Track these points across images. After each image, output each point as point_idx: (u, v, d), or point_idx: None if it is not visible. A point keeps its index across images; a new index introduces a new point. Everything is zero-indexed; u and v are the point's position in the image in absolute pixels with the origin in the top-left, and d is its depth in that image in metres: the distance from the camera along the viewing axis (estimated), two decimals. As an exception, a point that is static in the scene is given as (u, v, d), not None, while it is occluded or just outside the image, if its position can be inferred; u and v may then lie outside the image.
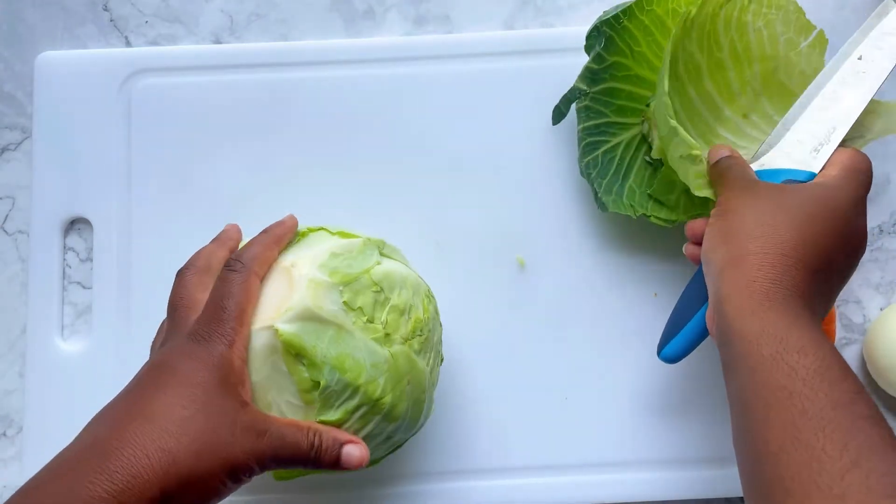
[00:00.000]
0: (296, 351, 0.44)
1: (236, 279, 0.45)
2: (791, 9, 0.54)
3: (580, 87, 0.56)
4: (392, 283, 0.48)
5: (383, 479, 0.57)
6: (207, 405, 0.41)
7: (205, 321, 0.44)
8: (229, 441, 0.41)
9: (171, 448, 0.39)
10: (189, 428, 0.40)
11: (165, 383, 0.42)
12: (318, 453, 0.44)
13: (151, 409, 0.40)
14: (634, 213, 0.56)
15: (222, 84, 0.62)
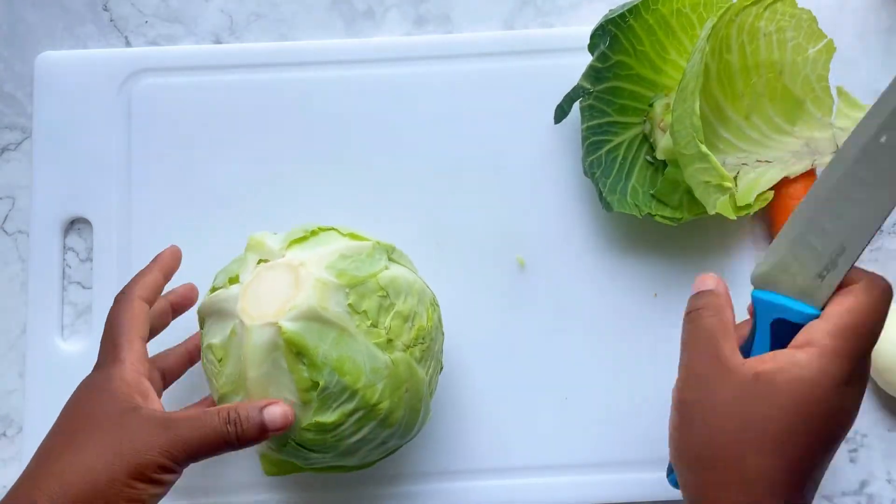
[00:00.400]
0: (297, 350, 0.44)
1: (119, 308, 0.49)
2: (804, 17, 0.54)
3: (584, 86, 0.56)
4: (398, 289, 0.48)
5: (383, 479, 0.57)
6: (98, 423, 0.43)
7: (101, 352, 0.48)
8: (120, 447, 0.42)
9: (63, 471, 0.41)
10: (81, 449, 0.42)
11: (68, 418, 0.45)
12: (239, 425, 0.43)
13: (54, 445, 0.44)
14: (640, 212, 0.56)
15: (222, 84, 0.62)
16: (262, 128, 0.62)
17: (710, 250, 0.60)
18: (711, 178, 0.51)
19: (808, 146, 0.57)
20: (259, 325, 0.45)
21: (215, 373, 0.47)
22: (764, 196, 0.56)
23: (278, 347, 0.44)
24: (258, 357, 0.45)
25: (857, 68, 0.62)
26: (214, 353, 0.47)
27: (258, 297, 0.46)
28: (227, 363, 0.46)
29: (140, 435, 0.42)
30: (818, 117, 0.57)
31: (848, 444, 0.58)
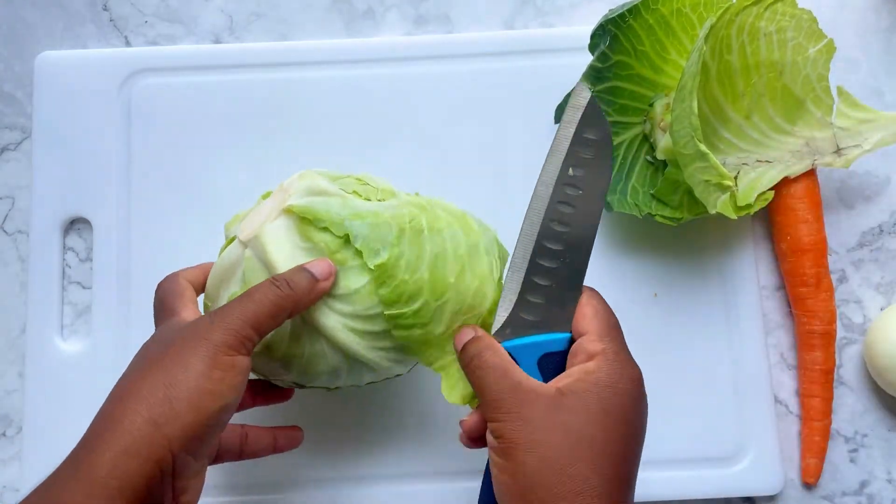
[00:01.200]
0: (313, 216, 0.43)
1: (164, 282, 0.48)
2: (805, 17, 0.54)
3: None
4: (374, 178, 0.49)
5: (383, 480, 0.57)
6: (167, 341, 0.42)
7: (156, 321, 0.47)
8: (184, 341, 0.40)
9: (145, 380, 0.40)
10: (157, 358, 0.41)
11: (145, 365, 0.42)
12: (285, 281, 0.42)
13: (138, 388, 0.40)
14: (640, 212, 0.56)
15: (222, 84, 0.62)
16: (261, 127, 0.62)
17: (710, 250, 0.60)
18: (711, 178, 0.51)
19: (809, 146, 0.57)
20: (267, 226, 0.44)
21: None
22: (764, 196, 0.56)
23: (292, 229, 0.44)
24: (280, 251, 0.44)
25: (857, 68, 0.62)
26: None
27: (251, 219, 0.46)
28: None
29: (200, 326, 0.41)
30: (818, 117, 0.57)
31: (848, 445, 0.58)
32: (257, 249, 0.45)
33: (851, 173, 0.61)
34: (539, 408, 0.40)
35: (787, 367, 0.59)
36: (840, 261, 0.61)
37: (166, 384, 0.39)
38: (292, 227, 0.44)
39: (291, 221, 0.44)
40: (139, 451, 0.37)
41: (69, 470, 0.39)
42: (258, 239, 0.45)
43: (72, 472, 0.39)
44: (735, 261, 0.59)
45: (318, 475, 0.57)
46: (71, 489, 0.38)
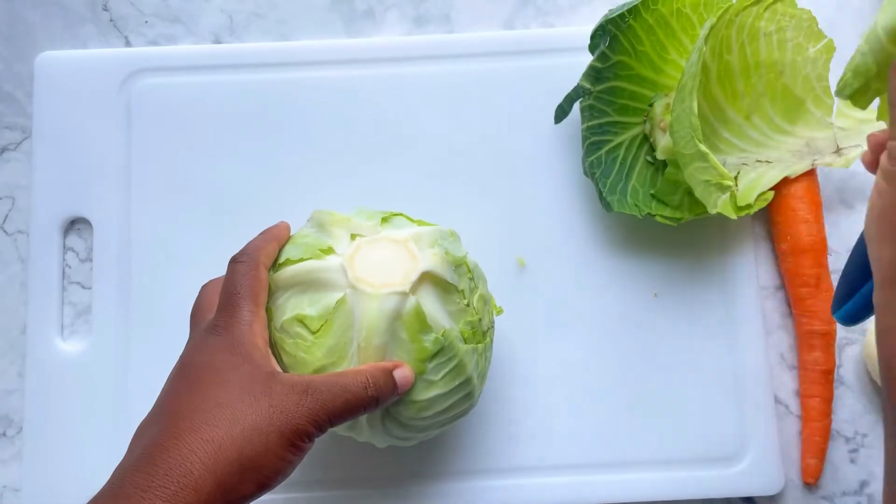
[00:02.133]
0: (422, 319, 0.45)
1: (243, 268, 0.46)
2: (804, 17, 0.54)
3: (584, 86, 0.56)
4: (480, 275, 0.51)
5: (384, 480, 0.57)
6: (240, 387, 0.41)
7: (220, 311, 0.45)
8: (271, 413, 0.40)
9: (214, 437, 0.38)
10: (226, 413, 0.39)
11: (196, 380, 0.42)
12: (376, 389, 0.43)
13: (188, 407, 0.40)
14: (640, 212, 0.56)
15: (222, 84, 0.62)
16: (261, 127, 0.62)
17: (710, 250, 0.60)
18: (711, 177, 0.51)
19: (809, 146, 0.57)
20: (384, 294, 0.45)
21: (306, 346, 0.46)
22: (764, 196, 0.56)
23: (400, 317, 0.45)
24: (382, 326, 0.45)
25: (857, 68, 0.62)
26: (308, 325, 0.46)
27: (369, 268, 0.46)
28: (329, 334, 0.45)
29: (288, 402, 0.41)
30: (819, 117, 0.57)
31: (848, 445, 0.58)
32: (358, 311, 0.45)
33: (851, 173, 0.61)
34: None
35: (787, 367, 0.59)
36: (840, 261, 0.61)
37: (240, 451, 0.39)
38: (401, 314, 0.46)
39: (405, 308, 0.45)
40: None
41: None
42: (367, 304, 0.45)
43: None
44: (735, 261, 0.59)
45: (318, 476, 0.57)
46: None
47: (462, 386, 0.48)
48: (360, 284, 0.45)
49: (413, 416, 0.47)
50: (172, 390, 0.43)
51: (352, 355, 0.45)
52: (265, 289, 0.47)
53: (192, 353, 0.44)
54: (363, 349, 0.45)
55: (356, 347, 0.45)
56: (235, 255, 0.48)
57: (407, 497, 0.57)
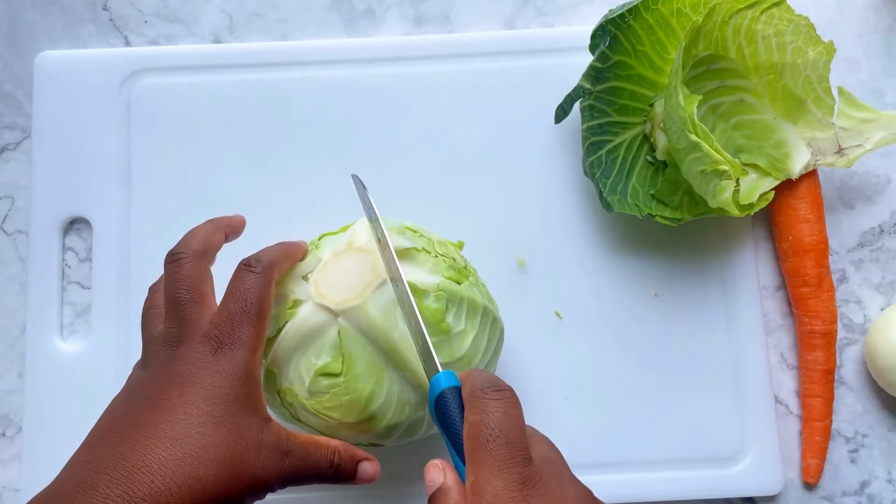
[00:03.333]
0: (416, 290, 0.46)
1: (255, 281, 0.43)
2: (802, 23, 0.54)
3: (584, 86, 0.56)
4: (422, 229, 0.51)
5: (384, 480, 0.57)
6: (233, 426, 0.39)
7: (224, 325, 0.41)
8: (254, 464, 0.39)
9: (200, 476, 0.37)
10: (217, 453, 0.38)
11: (187, 399, 0.39)
12: (338, 470, 0.43)
13: (175, 430, 0.38)
14: (640, 213, 0.56)
15: (222, 84, 0.62)
16: (261, 128, 0.62)
17: (711, 250, 0.60)
18: (707, 166, 0.51)
19: (810, 146, 0.57)
20: (370, 295, 0.45)
21: (344, 388, 0.45)
22: (765, 196, 0.56)
23: (395, 303, 0.45)
24: (388, 322, 0.45)
25: (857, 68, 0.62)
26: (332, 370, 0.45)
27: (338, 289, 0.46)
28: (355, 363, 0.45)
29: (268, 460, 0.40)
30: (820, 117, 0.57)
31: (848, 445, 0.58)
32: (359, 321, 0.45)
33: (852, 173, 0.61)
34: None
35: (787, 367, 0.59)
36: (840, 261, 0.61)
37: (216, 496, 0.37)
38: (393, 299, 0.45)
39: (402, 259, 0.46)
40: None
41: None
42: (361, 310, 0.45)
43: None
44: (735, 261, 0.59)
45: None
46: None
47: (484, 317, 0.49)
48: (343, 305, 0.45)
49: (466, 368, 0.47)
50: (156, 398, 0.39)
51: (385, 362, 0.46)
52: (271, 306, 0.44)
53: (185, 363, 0.40)
54: (390, 350, 0.45)
55: (382, 354, 0.46)
56: (247, 261, 0.44)
57: (407, 497, 0.57)
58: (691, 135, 0.50)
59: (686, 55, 0.53)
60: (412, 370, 0.46)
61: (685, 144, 0.51)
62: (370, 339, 0.45)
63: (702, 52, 0.56)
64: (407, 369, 0.46)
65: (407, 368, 0.46)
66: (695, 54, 0.56)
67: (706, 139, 0.50)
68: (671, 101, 0.51)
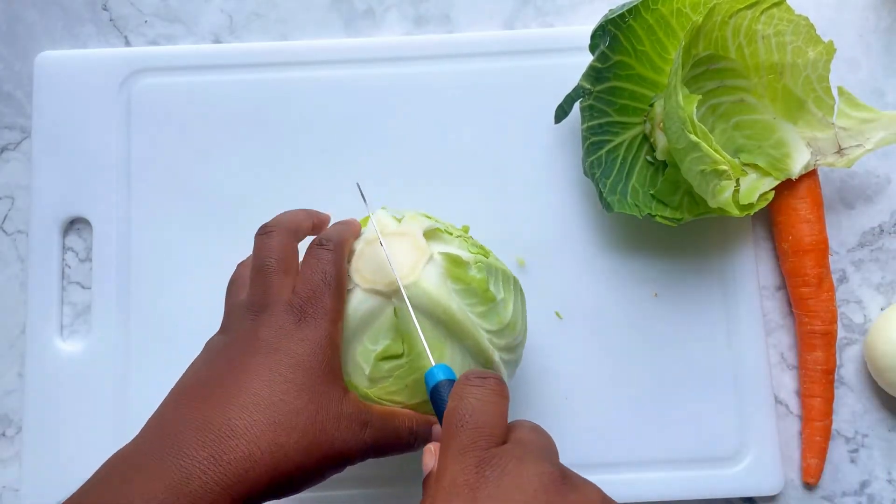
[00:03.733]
0: (454, 261, 0.46)
1: (331, 256, 0.44)
2: (802, 23, 0.54)
3: (584, 86, 0.56)
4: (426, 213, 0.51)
5: (384, 480, 0.57)
6: (314, 395, 0.39)
7: (306, 295, 0.42)
8: (334, 435, 0.39)
9: (283, 443, 0.37)
10: (298, 421, 0.38)
11: (270, 365, 0.39)
12: (416, 436, 0.43)
13: (260, 396, 0.38)
14: (640, 213, 0.56)
15: (222, 84, 0.62)
16: (261, 127, 0.62)
17: (710, 250, 0.60)
18: (706, 166, 0.51)
19: (811, 146, 0.57)
20: (421, 270, 0.45)
21: (407, 368, 0.45)
22: (765, 196, 0.56)
23: (445, 276, 0.46)
24: (442, 294, 0.45)
25: (857, 68, 0.62)
26: (394, 352, 0.45)
27: (383, 270, 0.46)
28: (415, 341, 0.45)
29: (348, 432, 0.40)
30: (820, 117, 0.57)
31: (848, 445, 0.58)
32: (416, 297, 0.45)
33: (852, 173, 0.61)
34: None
35: (787, 367, 0.59)
36: (840, 261, 0.61)
37: (300, 464, 0.38)
38: (443, 273, 0.46)
39: (441, 267, 0.46)
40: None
41: (163, 466, 0.36)
42: (417, 286, 0.45)
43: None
44: (735, 261, 0.59)
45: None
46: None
47: (515, 286, 0.50)
48: (395, 286, 0.45)
49: (513, 334, 0.48)
50: (239, 362, 0.40)
51: (444, 336, 0.45)
52: (346, 283, 0.45)
53: (268, 329, 0.41)
54: (450, 321, 0.45)
55: (441, 327, 0.45)
56: (318, 240, 0.45)
57: (407, 497, 0.57)
58: (691, 135, 0.50)
59: (686, 55, 0.53)
60: (472, 339, 0.46)
61: (685, 144, 0.51)
62: (427, 314, 0.45)
63: (702, 52, 0.56)
64: (467, 339, 0.46)
65: (467, 338, 0.46)
66: (695, 54, 0.56)
67: (705, 139, 0.50)
68: (671, 101, 0.51)
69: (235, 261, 0.49)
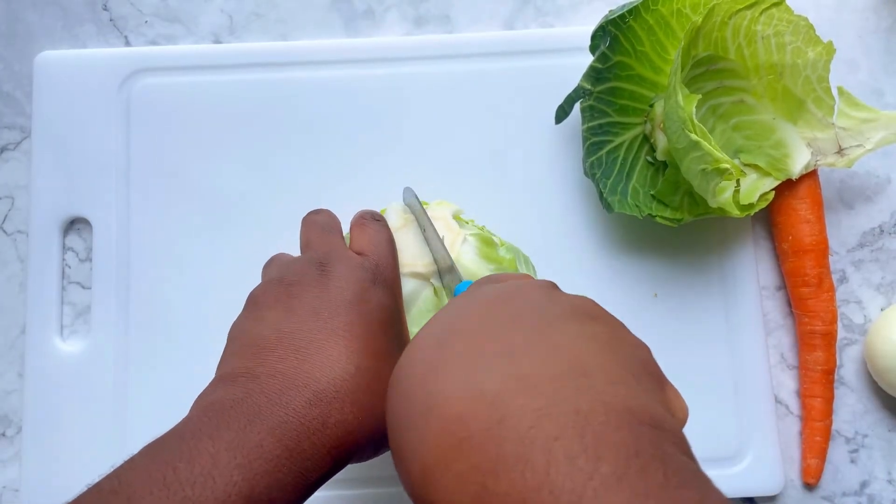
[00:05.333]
0: (488, 241, 0.49)
1: (387, 229, 0.46)
2: (802, 23, 0.54)
3: (585, 87, 0.56)
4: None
5: (384, 480, 0.57)
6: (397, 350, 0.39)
7: (376, 261, 0.42)
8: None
9: (376, 405, 0.36)
10: (385, 387, 0.36)
11: (361, 323, 0.38)
12: None
13: (359, 357, 0.37)
14: (640, 213, 0.56)
15: (222, 84, 0.62)
16: (261, 128, 0.62)
17: (711, 251, 0.60)
18: (707, 165, 0.51)
19: (811, 146, 0.57)
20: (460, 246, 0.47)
21: None
22: (766, 196, 0.56)
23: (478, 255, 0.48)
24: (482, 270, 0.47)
25: (857, 68, 0.62)
26: None
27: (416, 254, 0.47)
28: None
29: None
30: (820, 117, 0.57)
31: (849, 445, 0.58)
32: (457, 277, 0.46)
33: (852, 173, 0.61)
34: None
35: (787, 367, 0.59)
36: (840, 261, 0.61)
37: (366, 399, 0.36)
38: (476, 252, 0.48)
39: (474, 247, 0.48)
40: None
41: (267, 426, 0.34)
42: (458, 263, 0.47)
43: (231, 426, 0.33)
44: (735, 261, 0.59)
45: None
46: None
47: (534, 270, 0.52)
48: (433, 266, 0.47)
49: None
50: (330, 303, 0.38)
51: None
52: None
53: (349, 279, 0.40)
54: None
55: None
56: (366, 213, 0.46)
57: (407, 497, 0.57)
58: (691, 134, 0.50)
59: (685, 56, 0.53)
60: None
61: (685, 144, 0.51)
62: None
63: (701, 52, 0.56)
64: None
65: None
66: (694, 55, 0.56)
67: (705, 138, 0.50)
68: (671, 101, 0.51)
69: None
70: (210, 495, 0.30)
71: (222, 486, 0.30)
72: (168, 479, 0.30)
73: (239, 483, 0.31)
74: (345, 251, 0.42)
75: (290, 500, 0.33)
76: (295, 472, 0.33)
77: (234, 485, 0.31)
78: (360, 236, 0.44)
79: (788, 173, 0.57)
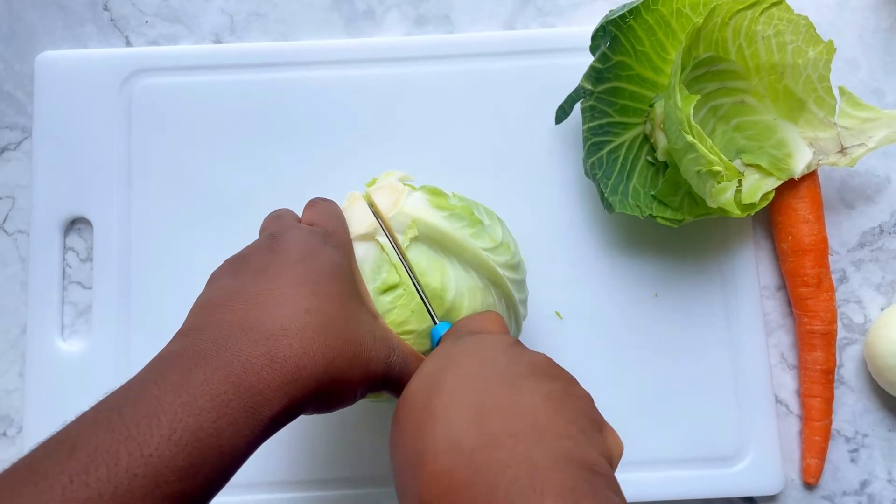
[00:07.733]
0: (437, 191, 0.48)
1: (334, 204, 0.48)
2: (802, 23, 0.54)
3: (585, 87, 0.56)
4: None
5: (384, 480, 0.57)
6: (353, 310, 0.40)
7: (326, 229, 0.44)
8: (370, 350, 0.40)
9: (332, 346, 0.37)
10: (342, 330, 0.38)
11: (306, 274, 0.40)
12: None
13: (307, 300, 0.38)
14: (641, 213, 0.56)
15: (222, 84, 0.62)
16: (261, 127, 0.62)
17: (711, 251, 0.60)
18: (702, 166, 0.51)
19: (813, 146, 0.57)
20: (405, 198, 0.47)
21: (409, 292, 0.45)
22: (766, 196, 0.56)
23: (427, 203, 0.47)
24: (431, 217, 0.46)
25: (857, 68, 0.63)
26: (391, 283, 0.45)
27: (366, 214, 0.47)
28: (412, 263, 0.45)
29: (380, 351, 0.40)
30: (821, 117, 0.57)
31: (849, 445, 0.58)
32: (401, 225, 0.46)
33: (852, 173, 0.61)
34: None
35: (787, 367, 0.59)
36: (840, 261, 0.61)
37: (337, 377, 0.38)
38: (426, 201, 0.47)
39: (422, 199, 0.47)
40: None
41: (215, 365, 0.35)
42: (402, 213, 0.46)
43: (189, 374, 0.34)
44: (735, 261, 0.59)
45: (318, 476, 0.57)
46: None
47: (497, 218, 0.51)
48: (376, 224, 0.46)
49: (508, 253, 0.49)
50: (283, 261, 0.40)
51: (442, 254, 0.46)
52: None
53: (304, 241, 0.42)
54: (440, 238, 0.46)
55: (436, 245, 0.46)
56: (314, 198, 0.48)
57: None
58: (687, 135, 0.50)
59: (686, 57, 0.53)
60: (470, 252, 0.46)
61: (682, 145, 0.51)
62: (420, 237, 0.46)
63: (702, 53, 0.56)
64: (465, 252, 0.47)
65: (465, 251, 0.47)
66: (695, 56, 0.56)
67: (701, 140, 0.50)
68: (670, 102, 0.51)
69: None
70: (155, 433, 0.31)
71: (167, 423, 0.31)
72: (113, 423, 0.31)
73: (184, 419, 0.32)
74: (295, 223, 0.45)
75: (242, 435, 0.34)
76: (245, 408, 0.34)
77: (179, 421, 0.32)
78: (309, 211, 0.47)
79: (791, 173, 0.57)
